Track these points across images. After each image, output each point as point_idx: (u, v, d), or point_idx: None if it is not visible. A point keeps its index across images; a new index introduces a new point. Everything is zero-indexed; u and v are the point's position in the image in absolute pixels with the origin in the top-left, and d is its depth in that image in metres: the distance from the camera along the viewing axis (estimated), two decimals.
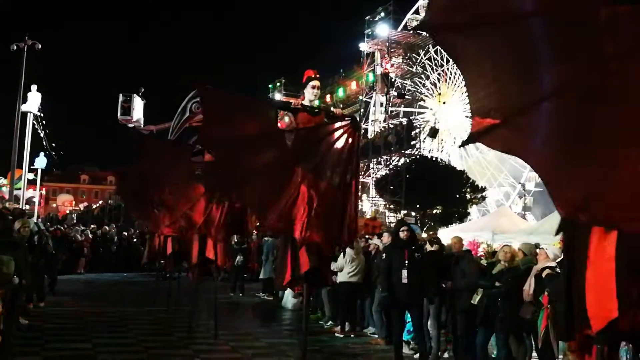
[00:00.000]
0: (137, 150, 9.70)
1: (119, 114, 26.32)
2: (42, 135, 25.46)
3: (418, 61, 45.74)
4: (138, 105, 26.64)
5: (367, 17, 43.61)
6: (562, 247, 5.97)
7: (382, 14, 42.67)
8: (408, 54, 43.75)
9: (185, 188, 8.66)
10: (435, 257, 8.21)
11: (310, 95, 5.80)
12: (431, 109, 48.20)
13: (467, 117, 51.21)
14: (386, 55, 42.18)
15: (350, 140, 5.04)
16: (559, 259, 6.47)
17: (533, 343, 7.29)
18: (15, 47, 21.50)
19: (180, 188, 8.75)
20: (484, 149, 51.46)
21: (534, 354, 7.35)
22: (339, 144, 5.04)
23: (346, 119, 5.34)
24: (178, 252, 10.01)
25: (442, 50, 50.30)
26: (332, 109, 7.18)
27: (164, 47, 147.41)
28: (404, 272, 7.19)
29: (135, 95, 26.54)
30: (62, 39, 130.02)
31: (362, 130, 36.39)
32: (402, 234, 7.50)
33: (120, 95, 26.86)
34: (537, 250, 7.41)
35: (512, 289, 6.88)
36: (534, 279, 6.65)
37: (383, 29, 42.17)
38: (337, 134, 5.06)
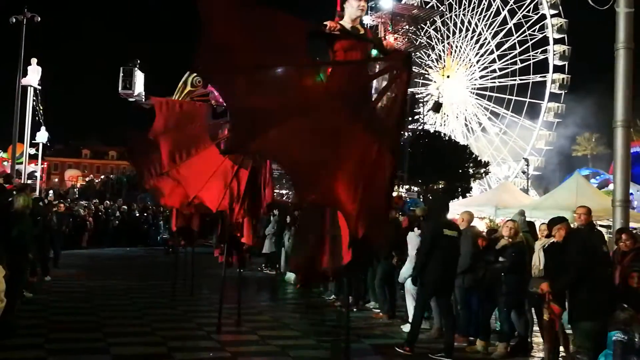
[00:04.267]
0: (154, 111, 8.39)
1: (120, 88, 26.11)
2: (40, 109, 25.28)
3: (424, 31, 45.19)
4: (139, 79, 26.40)
5: None
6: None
7: None
8: (411, 27, 43.25)
9: (201, 154, 7.43)
10: None
11: (353, 12, 3.99)
12: (435, 82, 47.83)
13: (470, 92, 50.79)
14: (389, 28, 41.66)
15: (399, 85, 3.47)
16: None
17: (535, 317, 7.32)
18: (14, 20, 21.24)
19: (196, 154, 7.46)
20: (487, 126, 51.16)
21: (535, 327, 7.40)
22: (391, 91, 3.50)
23: (396, 53, 3.88)
24: (185, 228, 9.72)
25: (447, 23, 49.71)
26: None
27: (168, 17, 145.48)
28: None
29: (136, 68, 26.29)
30: (62, 12, 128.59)
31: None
32: None
33: (121, 69, 26.61)
34: (541, 225, 7.31)
35: (516, 264, 6.86)
36: (542, 254, 6.57)
37: (386, 2, 41.59)
38: (387, 75, 3.54)
